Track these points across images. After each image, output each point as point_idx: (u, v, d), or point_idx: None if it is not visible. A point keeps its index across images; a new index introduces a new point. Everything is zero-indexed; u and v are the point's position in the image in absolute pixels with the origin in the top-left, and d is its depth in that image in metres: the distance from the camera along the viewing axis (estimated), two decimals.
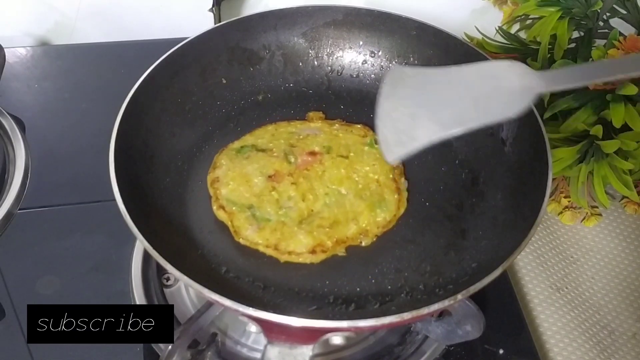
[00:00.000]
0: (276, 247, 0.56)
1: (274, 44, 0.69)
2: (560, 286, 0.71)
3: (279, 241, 0.56)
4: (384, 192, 0.60)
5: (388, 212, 0.59)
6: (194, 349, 0.56)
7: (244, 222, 0.57)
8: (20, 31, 0.91)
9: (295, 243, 0.56)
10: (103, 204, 0.52)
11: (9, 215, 0.68)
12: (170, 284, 0.63)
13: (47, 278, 0.65)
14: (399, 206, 0.60)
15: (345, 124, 0.66)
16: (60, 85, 0.85)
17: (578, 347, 0.66)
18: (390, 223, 0.59)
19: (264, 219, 0.57)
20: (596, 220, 0.75)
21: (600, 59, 0.67)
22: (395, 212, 0.59)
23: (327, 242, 0.56)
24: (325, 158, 0.62)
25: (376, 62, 0.70)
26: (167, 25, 0.91)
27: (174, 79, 0.63)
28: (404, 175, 0.62)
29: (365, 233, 0.57)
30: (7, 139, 0.75)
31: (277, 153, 0.62)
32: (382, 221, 0.58)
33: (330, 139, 0.64)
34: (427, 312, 0.44)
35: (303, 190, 0.59)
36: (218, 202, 0.59)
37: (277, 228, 0.57)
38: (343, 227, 0.57)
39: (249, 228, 0.57)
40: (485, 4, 0.91)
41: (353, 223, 0.57)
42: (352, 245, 0.57)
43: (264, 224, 0.57)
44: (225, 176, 0.60)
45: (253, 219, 0.57)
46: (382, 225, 0.58)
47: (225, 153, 0.63)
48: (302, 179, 0.60)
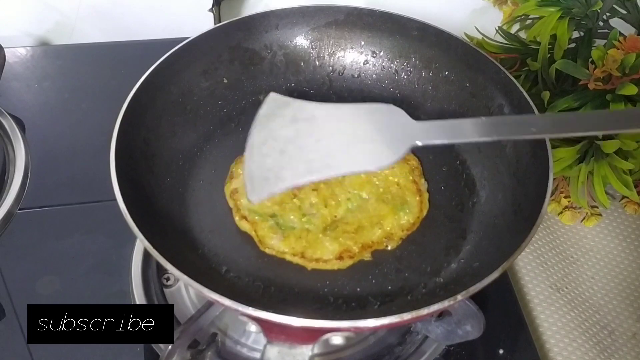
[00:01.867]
0: (303, 254, 0.55)
1: (276, 43, 0.69)
2: (560, 286, 0.71)
3: (305, 249, 0.56)
4: (405, 195, 0.60)
5: (411, 214, 0.58)
6: (194, 349, 0.56)
7: (268, 231, 0.57)
8: (20, 31, 0.91)
9: (322, 250, 0.55)
10: (103, 204, 0.52)
11: (9, 215, 0.68)
12: (170, 284, 0.63)
13: (47, 278, 0.65)
14: (422, 208, 0.59)
15: None
16: (60, 85, 0.85)
17: (578, 347, 0.66)
18: (414, 225, 0.58)
19: (288, 227, 0.57)
20: (596, 220, 0.75)
21: (601, 59, 0.67)
22: (418, 214, 0.59)
23: (354, 248, 0.56)
24: None
25: (378, 63, 0.70)
26: (167, 25, 0.91)
27: (175, 79, 0.63)
28: (423, 176, 0.62)
29: (390, 237, 0.57)
30: (7, 139, 0.75)
31: None
32: (406, 224, 0.58)
33: None
34: (427, 312, 0.44)
35: (325, 196, 0.59)
36: (240, 212, 0.58)
37: (302, 236, 0.56)
38: (368, 232, 0.57)
39: (274, 237, 0.56)
40: (485, 4, 0.91)
41: (378, 227, 0.57)
42: (378, 249, 0.57)
43: (289, 232, 0.57)
44: (244, 187, 0.60)
45: (277, 227, 0.57)
46: (406, 228, 0.58)
47: (242, 162, 0.61)
48: (323, 185, 0.60)
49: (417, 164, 0.63)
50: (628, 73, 0.65)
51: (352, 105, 0.50)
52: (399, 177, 0.61)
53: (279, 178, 0.46)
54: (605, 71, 0.66)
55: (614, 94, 0.65)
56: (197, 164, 0.62)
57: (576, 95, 0.68)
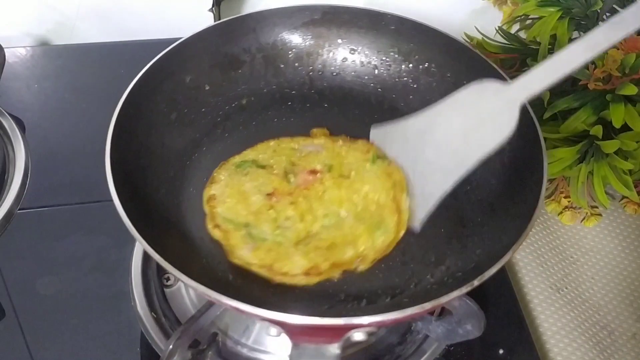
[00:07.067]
0: (270, 267, 0.53)
1: (254, 46, 0.68)
2: (560, 286, 0.71)
3: (274, 261, 0.54)
4: (383, 214, 0.57)
5: (387, 234, 0.56)
6: (195, 349, 0.56)
7: (239, 241, 0.55)
8: (20, 31, 0.91)
9: (291, 264, 0.53)
10: (103, 204, 0.52)
11: (9, 215, 0.68)
12: (170, 283, 0.63)
13: (47, 278, 0.65)
14: (399, 228, 0.56)
15: (348, 140, 0.64)
16: (60, 85, 0.85)
17: (578, 347, 0.66)
18: (389, 247, 0.56)
19: (260, 238, 0.55)
20: (596, 220, 0.75)
21: (601, 59, 0.67)
22: (394, 235, 0.56)
23: (323, 265, 0.53)
24: (326, 177, 0.59)
25: (357, 59, 0.69)
26: (167, 25, 0.91)
27: (159, 89, 0.61)
28: (406, 190, 0.58)
29: (363, 258, 0.55)
30: (7, 139, 0.75)
31: (277, 170, 0.60)
32: (380, 245, 0.55)
33: (333, 157, 0.61)
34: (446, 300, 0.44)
35: (302, 210, 0.57)
36: (214, 220, 0.57)
37: (273, 248, 0.55)
38: (340, 251, 0.54)
39: (244, 247, 0.55)
40: (485, 4, 0.92)
41: (351, 247, 0.55)
42: (347, 269, 0.54)
43: (260, 244, 0.55)
44: (222, 194, 0.59)
45: (249, 237, 0.55)
46: (380, 250, 0.55)
47: (225, 168, 0.61)
48: (302, 198, 0.58)
49: (401, 177, 0.59)
50: (628, 73, 0.65)
51: (447, 100, 0.50)
52: (379, 194, 0.58)
53: (429, 195, 0.48)
54: (605, 71, 0.66)
55: (614, 94, 0.65)
56: (188, 173, 0.61)
57: (576, 95, 0.68)
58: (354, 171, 0.60)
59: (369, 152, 0.62)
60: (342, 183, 0.59)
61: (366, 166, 0.60)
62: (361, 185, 0.59)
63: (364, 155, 0.61)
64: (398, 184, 0.59)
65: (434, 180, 0.47)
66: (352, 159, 0.61)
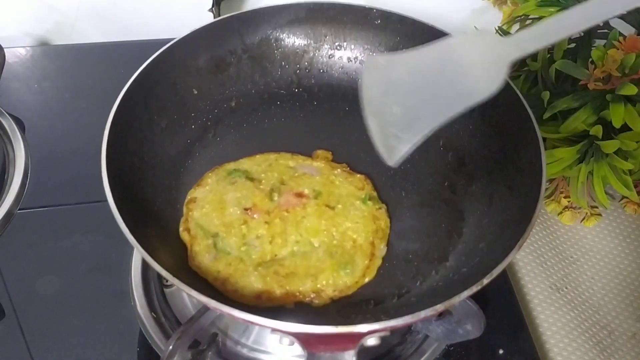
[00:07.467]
0: (224, 281, 0.53)
1: (240, 47, 0.68)
2: (560, 286, 0.71)
3: (229, 276, 0.53)
4: (355, 255, 0.55)
5: (352, 276, 0.54)
6: (195, 349, 0.56)
7: (203, 249, 0.55)
8: (20, 31, 0.91)
9: (244, 284, 0.52)
10: (103, 204, 0.51)
11: (9, 215, 0.68)
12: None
13: (47, 278, 0.65)
14: (366, 274, 0.55)
15: (347, 171, 0.62)
16: (60, 85, 0.85)
17: (578, 347, 0.66)
18: (350, 289, 0.54)
19: (224, 251, 0.55)
20: (596, 220, 0.75)
21: (601, 59, 0.67)
22: (358, 279, 0.54)
23: (276, 292, 0.52)
24: (310, 203, 0.58)
25: (344, 55, 0.70)
26: (167, 25, 0.91)
27: (147, 98, 0.61)
28: (386, 241, 0.57)
29: (318, 293, 0.53)
30: (7, 139, 0.75)
31: (264, 186, 0.59)
32: (342, 284, 0.54)
33: (325, 184, 0.60)
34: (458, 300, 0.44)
35: (274, 232, 0.56)
36: (186, 223, 0.57)
37: (233, 263, 0.54)
38: (298, 281, 0.53)
39: (206, 256, 0.54)
40: (485, 4, 0.92)
41: (311, 279, 0.53)
42: (301, 301, 0.52)
43: (222, 256, 0.54)
44: (203, 198, 0.58)
45: (213, 248, 0.55)
46: (340, 290, 0.53)
47: (216, 172, 0.61)
48: (279, 219, 0.57)
49: (386, 226, 0.58)
50: (628, 73, 0.65)
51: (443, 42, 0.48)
52: (359, 234, 0.57)
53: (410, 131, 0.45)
54: (605, 71, 0.66)
55: (614, 94, 0.65)
56: (182, 182, 0.61)
57: (576, 95, 0.68)
58: (341, 204, 0.59)
59: (362, 189, 0.61)
60: (324, 213, 0.58)
61: (355, 203, 0.59)
62: (343, 220, 0.57)
63: (357, 192, 0.60)
64: (381, 231, 0.58)
65: (420, 117, 0.45)
66: (344, 191, 0.60)
